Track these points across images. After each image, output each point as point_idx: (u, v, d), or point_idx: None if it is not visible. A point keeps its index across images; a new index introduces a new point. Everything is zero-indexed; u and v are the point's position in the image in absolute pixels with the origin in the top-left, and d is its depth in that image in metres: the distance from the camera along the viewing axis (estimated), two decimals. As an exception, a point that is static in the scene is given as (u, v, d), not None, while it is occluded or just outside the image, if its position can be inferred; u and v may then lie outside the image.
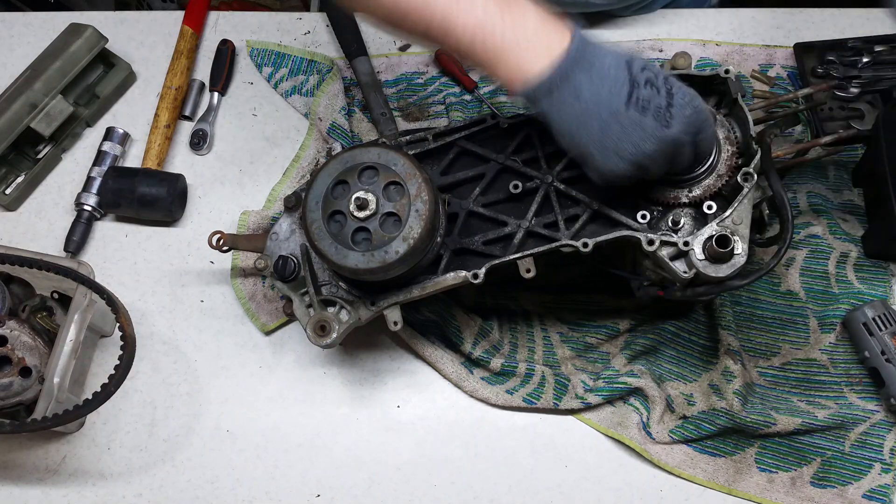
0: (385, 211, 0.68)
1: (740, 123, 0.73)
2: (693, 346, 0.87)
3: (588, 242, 0.71)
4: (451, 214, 0.76)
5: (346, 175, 0.69)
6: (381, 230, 0.67)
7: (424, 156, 0.79)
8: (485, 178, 0.77)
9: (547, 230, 0.74)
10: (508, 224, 0.75)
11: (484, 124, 0.78)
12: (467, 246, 0.75)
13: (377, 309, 0.74)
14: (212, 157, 0.99)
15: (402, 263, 0.67)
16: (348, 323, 0.73)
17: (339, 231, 0.68)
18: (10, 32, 1.05)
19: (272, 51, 1.02)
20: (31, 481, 0.84)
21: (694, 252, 0.69)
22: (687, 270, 0.70)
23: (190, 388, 0.87)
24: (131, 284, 0.92)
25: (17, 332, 0.78)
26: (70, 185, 0.97)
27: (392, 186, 0.68)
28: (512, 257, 0.72)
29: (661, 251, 0.70)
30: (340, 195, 0.69)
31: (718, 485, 0.81)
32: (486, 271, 0.72)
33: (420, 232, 0.67)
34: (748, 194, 0.69)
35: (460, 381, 0.85)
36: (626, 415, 0.83)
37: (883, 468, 0.80)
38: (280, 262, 0.75)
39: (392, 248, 0.66)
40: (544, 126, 0.71)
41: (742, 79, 0.97)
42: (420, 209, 0.67)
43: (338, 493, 0.83)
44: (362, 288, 0.74)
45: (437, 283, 0.73)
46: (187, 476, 0.84)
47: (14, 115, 0.91)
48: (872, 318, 0.82)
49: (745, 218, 0.69)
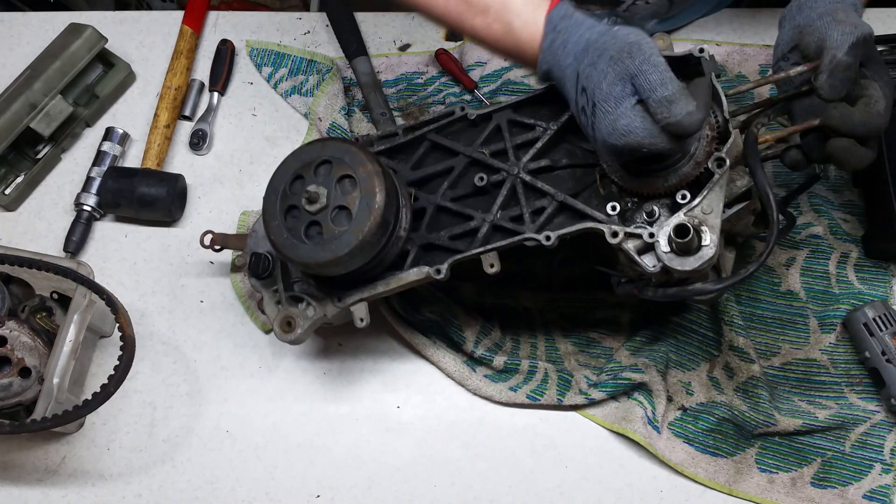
0: (336, 204, 0.68)
1: (716, 105, 0.69)
2: (693, 335, 0.87)
3: (550, 235, 0.69)
4: (421, 210, 0.76)
5: (303, 170, 0.70)
6: (331, 224, 0.68)
7: (396, 150, 0.79)
8: (453, 171, 0.76)
9: (512, 223, 0.72)
10: (474, 218, 0.74)
11: (452, 116, 0.77)
12: (434, 241, 0.74)
13: (343, 305, 0.73)
14: (211, 157, 0.98)
15: (354, 257, 0.68)
16: (313, 319, 0.73)
17: (294, 225, 0.69)
18: (10, 32, 1.05)
19: (272, 51, 1.02)
20: (31, 482, 0.84)
21: (659, 244, 0.64)
22: (656, 265, 0.66)
23: (189, 389, 0.87)
24: (131, 285, 0.92)
25: (17, 332, 0.78)
26: (69, 186, 0.97)
27: (346, 180, 0.69)
28: (475, 252, 0.71)
29: (626, 244, 0.66)
30: (298, 190, 0.70)
31: (719, 485, 0.81)
32: (448, 267, 0.71)
33: (370, 225, 0.67)
34: (719, 181, 0.64)
35: (463, 380, 0.85)
36: (630, 409, 0.83)
37: (883, 469, 0.80)
38: (253, 259, 0.77)
39: (343, 241, 0.67)
40: (514, 116, 0.72)
41: (742, 78, 0.97)
42: (370, 203, 0.67)
43: (338, 493, 0.83)
44: (331, 285, 0.75)
45: (400, 278, 0.73)
46: (187, 476, 0.84)
47: (14, 115, 0.91)
48: (873, 318, 0.82)
49: (716, 207, 0.64)
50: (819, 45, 0.65)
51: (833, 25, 0.64)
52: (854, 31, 0.63)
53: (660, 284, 0.69)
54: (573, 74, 0.64)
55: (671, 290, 0.67)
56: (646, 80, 0.59)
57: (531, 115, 0.76)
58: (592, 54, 0.62)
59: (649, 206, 0.67)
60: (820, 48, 0.65)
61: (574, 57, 0.64)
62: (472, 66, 1.00)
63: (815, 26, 0.65)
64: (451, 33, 1.03)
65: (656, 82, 0.59)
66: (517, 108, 0.76)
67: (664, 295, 0.68)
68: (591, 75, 0.62)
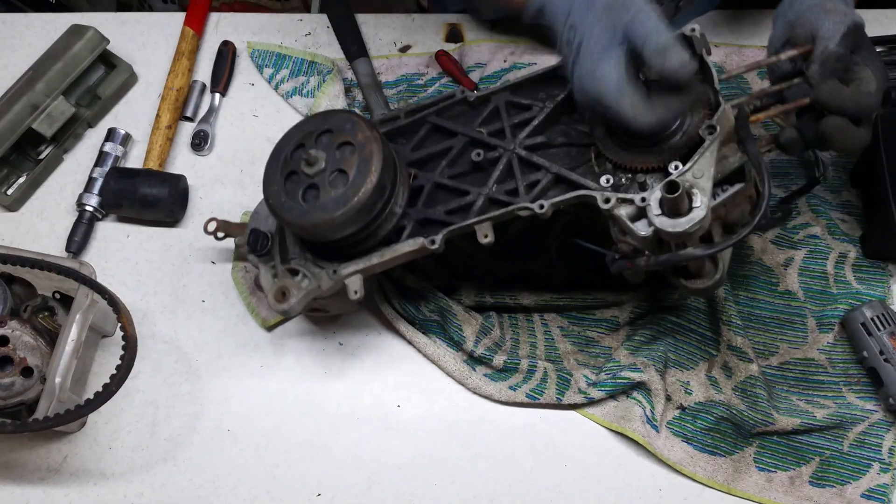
0: (334, 168, 0.70)
1: (708, 81, 0.70)
2: (692, 335, 0.87)
3: (544, 204, 0.70)
4: (419, 188, 0.77)
5: (305, 139, 0.73)
6: (328, 187, 0.70)
7: (397, 133, 0.81)
8: (452, 151, 0.78)
9: (507, 196, 0.74)
10: (470, 192, 0.75)
11: (453, 98, 0.79)
12: (430, 216, 0.75)
13: (338, 277, 0.74)
14: (213, 157, 0.99)
15: (349, 221, 0.69)
16: (307, 289, 0.74)
17: (292, 189, 0.71)
18: (12, 34, 1.06)
19: (273, 52, 1.03)
20: (33, 481, 0.84)
21: (650, 207, 0.65)
22: (647, 230, 0.66)
23: (191, 388, 0.88)
24: (133, 285, 0.92)
25: (19, 332, 0.79)
26: (72, 186, 0.97)
27: (346, 146, 0.71)
28: (469, 222, 0.72)
29: (619, 210, 0.67)
30: (298, 158, 0.72)
31: (717, 483, 0.81)
32: (443, 238, 0.72)
33: (367, 188, 0.69)
34: (710, 146, 0.66)
35: (463, 379, 0.86)
36: (629, 408, 0.83)
37: (881, 468, 0.81)
38: (252, 236, 0.78)
39: (338, 201, 0.69)
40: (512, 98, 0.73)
41: (741, 79, 0.97)
42: (367, 165, 0.69)
43: (338, 492, 0.84)
44: (328, 258, 0.76)
45: (395, 249, 0.73)
46: (188, 475, 0.85)
47: (16, 116, 0.91)
48: (871, 318, 0.82)
49: (707, 171, 0.65)
50: (811, 35, 0.66)
51: (823, 16, 0.65)
52: (844, 20, 0.64)
53: (651, 251, 0.69)
54: (566, 7, 0.65)
55: (662, 256, 0.67)
56: (641, 28, 0.60)
57: (529, 96, 0.78)
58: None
59: (642, 178, 0.70)
60: (812, 39, 0.65)
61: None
62: (472, 68, 1.00)
63: (806, 18, 0.66)
64: (452, 34, 1.04)
65: (651, 30, 0.60)
66: (515, 90, 0.79)
67: (656, 262, 0.68)
68: (585, 16, 0.63)
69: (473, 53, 1.01)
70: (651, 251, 0.69)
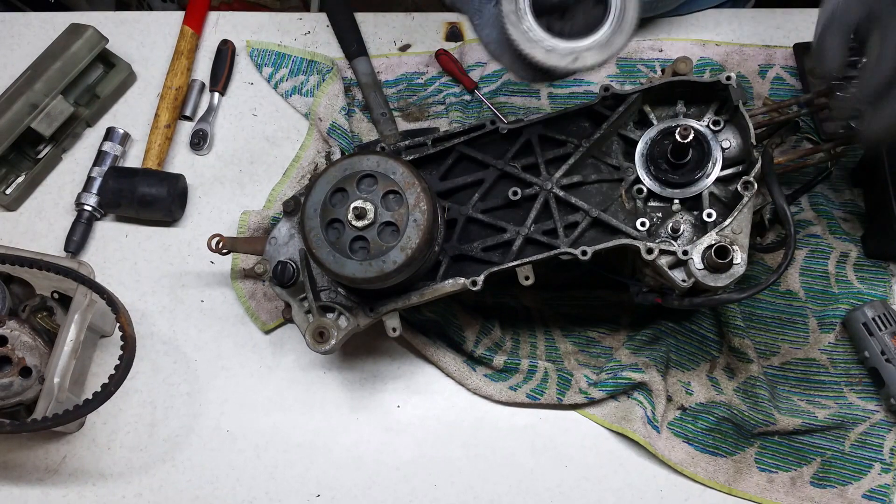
0: (383, 220, 0.67)
1: (741, 131, 0.73)
2: (693, 335, 0.87)
3: (587, 250, 0.71)
4: (450, 220, 0.76)
5: (345, 183, 0.68)
6: (379, 239, 0.67)
7: (423, 161, 0.78)
8: (484, 183, 0.76)
9: (546, 237, 0.74)
10: (507, 231, 0.75)
11: (483, 129, 0.77)
12: (466, 252, 0.75)
13: (376, 315, 0.73)
14: (212, 157, 0.99)
15: (400, 273, 0.67)
16: (346, 329, 0.73)
17: (336, 239, 0.68)
18: (11, 33, 1.05)
19: (272, 51, 1.02)
20: (31, 481, 0.84)
21: (693, 261, 0.69)
22: (686, 279, 0.70)
23: (190, 388, 0.88)
24: (131, 284, 0.92)
25: (18, 332, 0.78)
26: (70, 186, 0.97)
27: (391, 195, 0.68)
28: (511, 265, 0.72)
29: (659, 259, 0.70)
30: (339, 203, 0.68)
31: (718, 484, 0.81)
32: (484, 279, 0.72)
33: (418, 242, 0.66)
34: (748, 203, 0.69)
35: (463, 380, 0.85)
36: (630, 409, 0.83)
37: (883, 468, 0.80)
38: (279, 267, 0.75)
39: (390, 257, 0.66)
40: (544, 132, 0.72)
41: (742, 79, 0.97)
42: (418, 219, 0.67)
43: (338, 493, 0.83)
44: (361, 294, 0.74)
45: (435, 289, 0.73)
46: (187, 476, 0.84)
47: (14, 115, 0.91)
48: (872, 318, 0.82)
49: (745, 227, 0.69)
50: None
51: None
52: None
53: (684, 295, 0.73)
54: None
55: (698, 299, 0.72)
56: None
57: (561, 130, 0.77)
58: None
59: (676, 222, 0.72)
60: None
61: None
62: (472, 67, 1.00)
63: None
64: (452, 33, 1.04)
65: None
66: (547, 124, 0.77)
67: (691, 304, 0.72)
68: None
69: (473, 52, 1.00)
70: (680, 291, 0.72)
